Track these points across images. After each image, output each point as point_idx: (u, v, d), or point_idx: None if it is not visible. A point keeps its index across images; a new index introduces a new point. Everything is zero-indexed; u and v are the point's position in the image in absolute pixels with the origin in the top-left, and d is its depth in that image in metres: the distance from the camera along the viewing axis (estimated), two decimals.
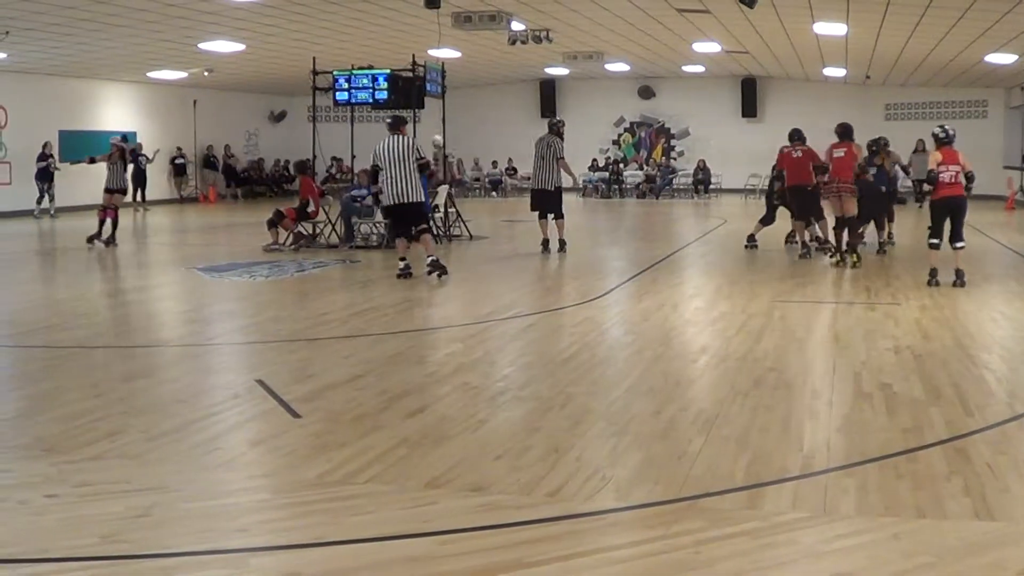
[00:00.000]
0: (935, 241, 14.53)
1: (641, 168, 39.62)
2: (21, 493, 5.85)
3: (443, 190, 22.04)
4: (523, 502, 5.75)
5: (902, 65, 29.67)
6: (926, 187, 14.69)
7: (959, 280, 14.17)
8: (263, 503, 5.86)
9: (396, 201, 15.28)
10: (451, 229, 21.56)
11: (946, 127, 14.78)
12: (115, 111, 32.66)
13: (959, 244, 14.42)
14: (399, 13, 21.77)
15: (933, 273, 14.42)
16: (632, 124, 40.17)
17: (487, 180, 39.59)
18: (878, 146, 18.59)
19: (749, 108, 38.42)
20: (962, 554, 4.99)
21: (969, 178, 14.36)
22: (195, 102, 35.28)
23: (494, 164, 39.39)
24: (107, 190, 20.55)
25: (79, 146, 29.48)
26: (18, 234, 24.03)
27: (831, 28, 23.15)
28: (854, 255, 16.48)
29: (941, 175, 14.24)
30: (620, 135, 40.20)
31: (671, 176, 38.54)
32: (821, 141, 30.59)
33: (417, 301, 14.01)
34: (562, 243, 18.93)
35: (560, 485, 6.00)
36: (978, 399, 8.03)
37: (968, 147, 33.71)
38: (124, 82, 32.45)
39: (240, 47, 26.30)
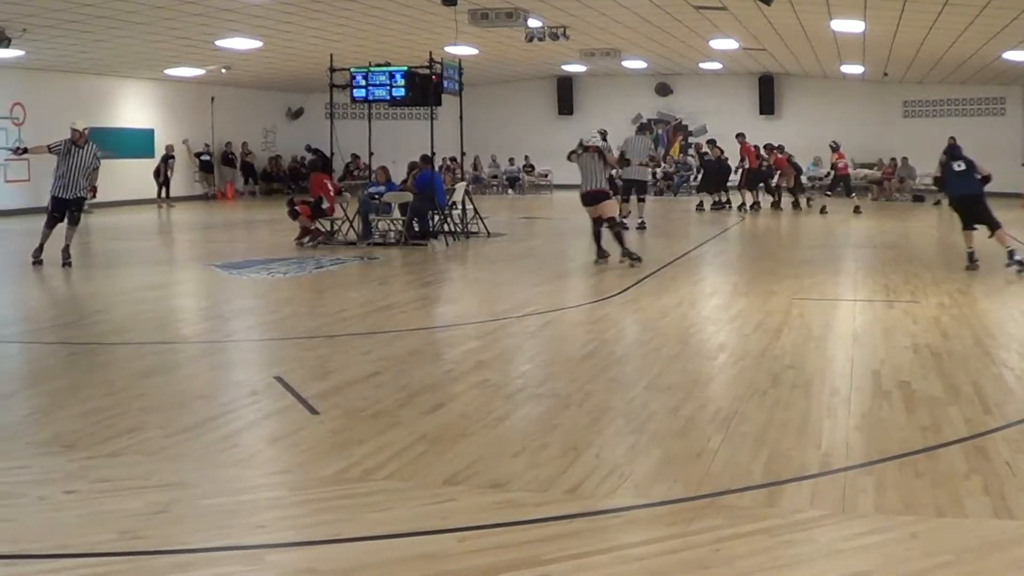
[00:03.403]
0: (830, 194, 29.28)
1: (659, 165, 39.48)
2: (40, 489, 5.87)
3: (461, 187, 22.05)
4: (541, 499, 5.75)
5: (920, 62, 29.56)
6: (828, 170, 31.11)
7: (856, 206, 27.88)
8: (280, 500, 5.87)
9: (631, 178, 22.57)
10: (468, 226, 21.55)
11: (836, 140, 29.46)
12: (133, 108, 32.70)
13: (853, 194, 28.52)
14: (416, 10, 21.74)
15: (824, 208, 28.09)
16: (649, 121, 40.04)
17: (504, 177, 39.57)
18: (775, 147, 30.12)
19: (767, 105, 38.24)
20: (981, 553, 4.98)
21: (853, 164, 30.71)
22: (213, 99, 35.30)
23: (511, 161, 39.33)
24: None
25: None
26: (37, 231, 24.00)
27: (848, 25, 23.06)
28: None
29: (839, 164, 28.66)
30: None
31: (688, 173, 38.41)
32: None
33: (435, 298, 14.04)
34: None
35: (578, 482, 6.00)
36: (997, 397, 8.01)
37: (985, 145, 33.85)
38: (142, 79, 32.48)
39: (257, 44, 26.29)
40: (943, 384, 8.44)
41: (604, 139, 25.04)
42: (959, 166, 15.50)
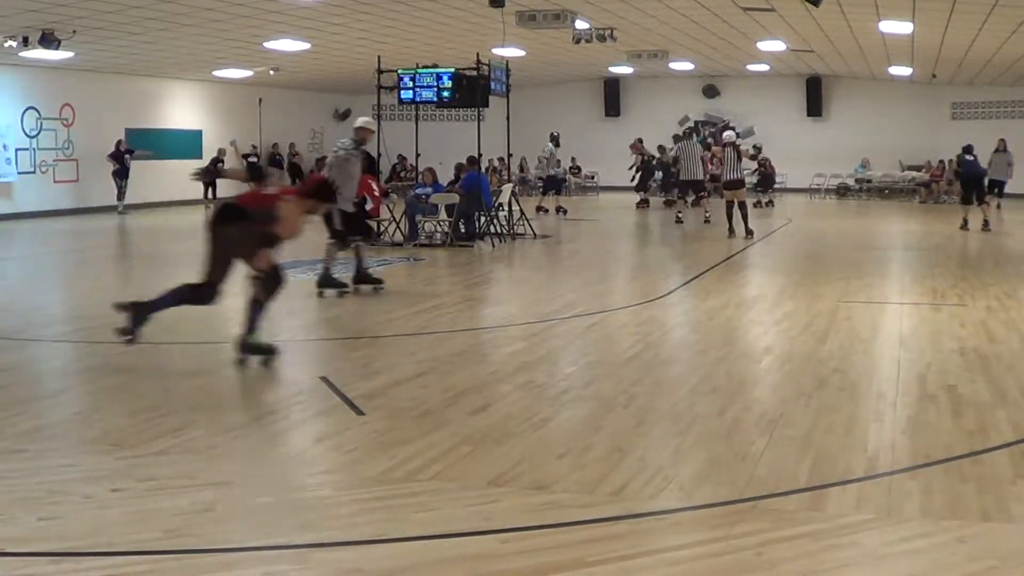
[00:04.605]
0: (760, 191, 32.41)
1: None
2: (87, 487, 5.92)
3: (507, 188, 22.07)
4: (585, 501, 5.75)
5: (968, 64, 29.34)
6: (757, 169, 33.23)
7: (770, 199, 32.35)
8: (326, 499, 5.89)
9: (688, 178, 24.77)
10: (515, 227, 21.57)
11: (759, 144, 33.46)
12: (181, 109, 32.96)
13: (770, 190, 33.04)
14: (464, 12, 21.80)
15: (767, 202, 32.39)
16: (696, 123, 39.89)
17: None
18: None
19: (814, 107, 38.03)
20: None
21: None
22: (260, 100, 35.45)
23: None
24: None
25: (145, 144, 29.80)
26: (86, 231, 24.27)
27: (897, 26, 22.92)
28: None
29: (768, 164, 32.23)
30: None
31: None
32: (885, 140, 30.35)
33: (480, 299, 14.06)
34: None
35: (622, 484, 5.99)
36: None
37: None
38: (190, 80, 32.70)
39: (305, 46, 26.42)
40: (990, 388, 8.38)
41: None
42: None
